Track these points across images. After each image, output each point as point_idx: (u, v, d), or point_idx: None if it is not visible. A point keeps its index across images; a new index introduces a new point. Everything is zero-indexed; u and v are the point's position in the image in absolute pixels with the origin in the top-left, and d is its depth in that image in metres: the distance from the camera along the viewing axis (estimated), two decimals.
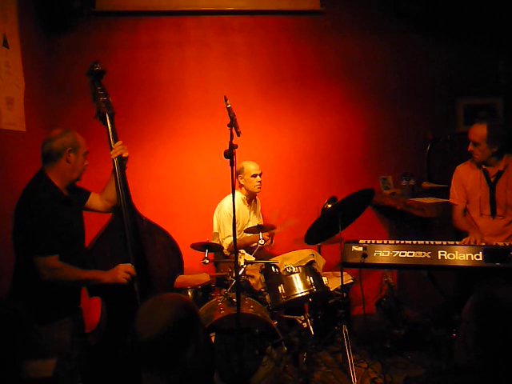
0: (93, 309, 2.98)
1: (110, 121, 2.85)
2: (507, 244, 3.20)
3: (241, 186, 4.28)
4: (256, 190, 4.25)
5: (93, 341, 2.81)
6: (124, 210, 2.79)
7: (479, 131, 3.38)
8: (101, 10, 4.40)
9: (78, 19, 4.33)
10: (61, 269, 2.57)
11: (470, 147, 3.46)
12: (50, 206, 2.57)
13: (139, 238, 2.81)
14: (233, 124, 2.80)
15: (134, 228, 2.79)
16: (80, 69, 2.93)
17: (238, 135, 2.82)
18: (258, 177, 4.22)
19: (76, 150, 2.69)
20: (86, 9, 4.30)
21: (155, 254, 2.89)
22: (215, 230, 4.29)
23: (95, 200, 2.97)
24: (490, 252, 3.10)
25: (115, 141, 2.86)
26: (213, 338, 3.19)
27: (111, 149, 2.84)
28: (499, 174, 3.47)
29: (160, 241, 2.96)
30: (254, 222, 4.36)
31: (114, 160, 2.84)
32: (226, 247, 4.06)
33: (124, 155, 2.87)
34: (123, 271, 2.66)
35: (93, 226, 2.90)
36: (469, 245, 3.23)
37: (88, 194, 2.97)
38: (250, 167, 4.21)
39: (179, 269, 3.06)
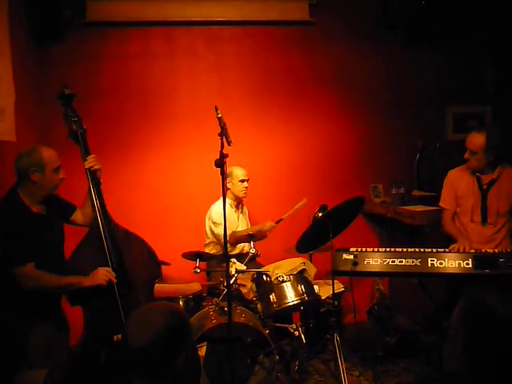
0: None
1: (81, 139, 2.93)
2: (496, 251, 3.23)
3: (227, 189, 4.28)
4: (241, 194, 4.28)
5: (77, 350, 2.86)
6: (100, 220, 2.84)
7: (477, 140, 3.39)
8: (92, 20, 4.42)
9: (69, 29, 4.34)
10: (39, 276, 2.65)
11: (467, 155, 3.46)
12: (16, 222, 2.66)
13: (117, 247, 2.86)
14: (223, 133, 2.82)
15: (111, 237, 2.84)
16: (71, 78, 2.97)
17: (229, 144, 2.84)
18: (246, 182, 4.26)
19: (42, 168, 2.73)
20: (76, 19, 4.31)
21: (133, 261, 2.93)
22: (207, 239, 4.29)
23: (78, 215, 3.06)
24: (480, 259, 3.12)
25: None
26: (204, 347, 3.18)
27: (85, 164, 2.92)
28: (492, 182, 3.50)
29: (137, 248, 3.01)
30: (243, 226, 4.38)
31: (87, 173, 2.90)
32: (229, 240, 4.02)
33: (96, 167, 2.92)
34: (102, 273, 2.72)
35: (77, 237, 2.92)
36: (458, 252, 3.25)
37: (73, 209, 3.05)
38: (239, 172, 4.26)
39: (157, 275, 3.14)
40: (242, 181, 4.25)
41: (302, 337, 3.59)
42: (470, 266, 3.11)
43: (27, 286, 2.62)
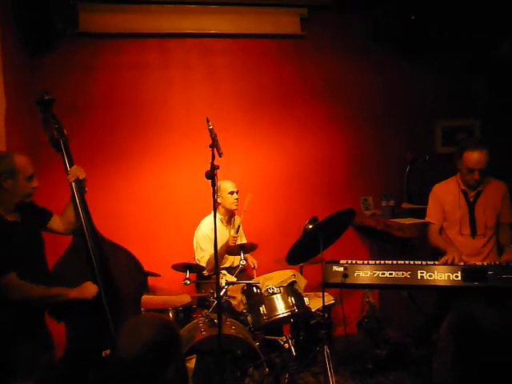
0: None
1: (64, 147, 2.88)
2: (485, 264, 3.25)
3: (218, 205, 4.27)
4: (233, 207, 4.25)
5: (63, 365, 2.79)
6: (86, 231, 2.81)
7: (482, 157, 3.38)
8: (84, 31, 4.42)
9: (61, 39, 4.33)
10: (22, 286, 2.58)
11: (477, 176, 3.43)
12: None
13: (103, 259, 2.83)
14: (214, 145, 2.84)
15: (97, 249, 2.81)
16: (63, 89, 2.97)
17: (220, 156, 2.85)
18: (235, 194, 4.23)
19: (13, 175, 2.66)
20: (68, 29, 4.30)
21: (119, 273, 2.90)
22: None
23: (56, 222, 2.96)
24: (469, 272, 3.14)
25: (71, 165, 2.89)
26: (194, 359, 3.16)
27: (67, 174, 2.87)
28: (478, 194, 3.53)
29: (123, 260, 2.98)
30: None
31: (71, 184, 2.85)
32: (205, 265, 4.02)
33: (80, 177, 2.88)
34: (91, 287, 2.69)
35: (58, 247, 2.89)
36: (447, 264, 3.27)
37: (50, 215, 2.96)
38: (227, 185, 4.23)
39: (144, 287, 3.12)
40: (231, 193, 4.22)
41: (292, 349, 3.59)
42: (459, 278, 3.12)
43: (11, 296, 2.55)
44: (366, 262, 3.44)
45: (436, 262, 3.31)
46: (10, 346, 2.57)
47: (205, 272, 4.04)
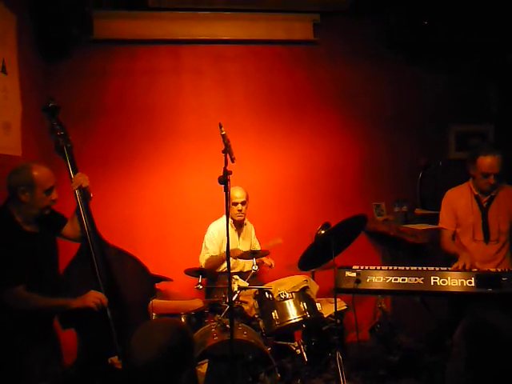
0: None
1: (68, 154, 2.89)
2: (499, 270, 3.22)
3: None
4: (236, 217, 4.24)
5: (71, 371, 2.81)
6: (89, 238, 2.81)
7: (496, 162, 3.36)
8: (99, 37, 4.48)
9: (76, 46, 4.39)
10: (28, 298, 2.56)
11: (492, 181, 3.41)
12: (6, 241, 2.56)
13: (108, 266, 2.83)
14: (227, 150, 2.85)
15: (101, 256, 2.81)
16: (78, 94, 2.98)
17: (233, 161, 2.86)
18: (239, 205, 4.20)
19: (31, 188, 2.62)
20: (84, 36, 4.36)
21: (126, 280, 2.90)
22: None
23: (68, 228, 2.97)
24: (482, 278, 3.11)
25: (75, 173, 2.90)
26: (206, 364, 3.16)
27: (71, 181, 2.88)
28: (491, 200, 3.51)
29: (129, 267, 2.97)
30: (244, 247, 4.35)
31: (75, 192, 2.86)
32: (204, 262, 4.13)
33: (84, 185, 2.88)
34: (93, 296, 2.67)
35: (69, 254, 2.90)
36: (461, 270, 3.24)
37: (65, 221, 2.96)
38: (234, 194, 4.18)
39: (151, 293, 3.10)
40: (235, 204, 4.19)
41: (304, 355, 3.57)
42: (473, 284, 3.09)
43: (16, 307, 2.54)
44: (378, 267, 3.42)
45: (449, 268, 3.29)
46: (19, 353, 2.57)
47: (201, 265, 4.12)
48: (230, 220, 4.24)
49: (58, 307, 2.67)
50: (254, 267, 3.77)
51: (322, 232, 4.25)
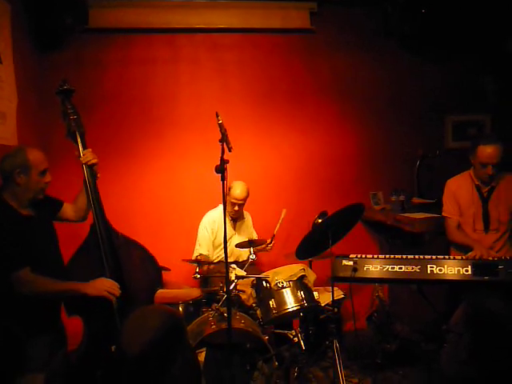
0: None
1: (80, 139, 2.85)
2: (496, 258, 3.24)
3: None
4: (231, 214, 4.27)
5: (74, 358, 2.79)
6: (97, 217, 2.79)
7: (496, 152, 3.37)
8: (94, 26, 4.45)
9: (71, 35, 4.36)
10: (35, 280, 2.55)
11: (490, 171, 3.41)
12: (5, 227, 2.55)
13: (115, 253, 2.80)
14: (224, 139, 2.84)
15: (109, 243, 2.79)
16: (73, 84, 2.94)
17: (230, 150, 2.85)
18: (236, 206, 4.21)
19: (27, 170, 2.62)
20: (78, 26, 4.33)
21: (132, 268, 2.87)
22: None
23: (67, 210, 2.96)
24: (479, 266, 3.12)
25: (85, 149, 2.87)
26: (204, 353, 3.18)
27: (80, 157, 2.84)
28: (492, 190, 3.52)
29: (136, 255, 2.94)
30: (242, 236, 4.36)
31: (83, 167, 2.83)
32: (194, 256, 4.16)
33: (94, 161, 2.85)
34: (106, 285, 2.65)
35: (73, 241, 2.89)
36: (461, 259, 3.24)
37: (60, 204, 2.95)
38: (234, 193, 4.19)
39: (158, 282, 3.06)
40: (233, 204, 4.20)
41: (302, 343, 3.59)
42: (470, 272, 3.11)
43: (24, 291, 2.53)
44: (375, 256, 3.43)
45: (446, 257, 3.29)
46: (22, 339, 2.58)
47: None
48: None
49: (67, 291, 2.65)
50: (251, 256, 3.78)
51: (319, 221, 4.25)
